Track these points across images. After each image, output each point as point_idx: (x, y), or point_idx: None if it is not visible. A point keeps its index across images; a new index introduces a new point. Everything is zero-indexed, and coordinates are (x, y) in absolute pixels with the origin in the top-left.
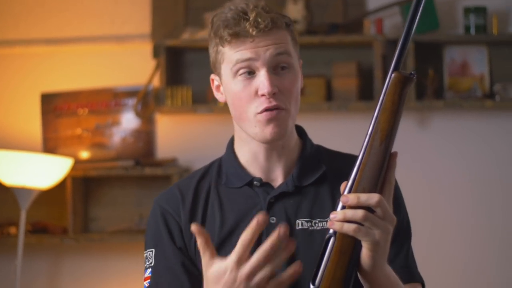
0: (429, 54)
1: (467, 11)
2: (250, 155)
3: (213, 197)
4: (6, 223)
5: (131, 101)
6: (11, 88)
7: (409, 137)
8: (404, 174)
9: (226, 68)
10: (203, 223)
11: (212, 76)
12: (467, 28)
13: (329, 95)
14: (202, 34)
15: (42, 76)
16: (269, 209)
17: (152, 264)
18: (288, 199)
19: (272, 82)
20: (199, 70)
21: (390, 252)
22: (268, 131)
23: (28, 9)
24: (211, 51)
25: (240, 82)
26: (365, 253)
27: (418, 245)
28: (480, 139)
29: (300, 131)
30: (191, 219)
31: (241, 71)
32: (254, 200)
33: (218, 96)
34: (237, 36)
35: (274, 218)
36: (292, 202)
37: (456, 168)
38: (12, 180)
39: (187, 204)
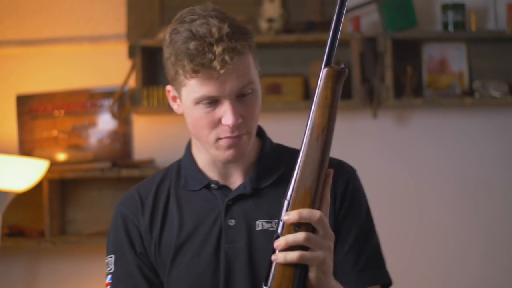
0: (407, 52)
1: (445, 8)
2: (208, 161)
3: (172, 201)
4: None
5: (107, 102)
6: None
7: (388, 135)
8: (384, 173)
9: (187, 93)
10: (162, 227)
11: (168, 87)
12: (446, 25)
13: (307, 94)
14: None
15: (17, 78)
16: (227, 211)
17: (112, 270)
18: (246, 201)
19: (236, 113)
20: None
21: (349, 256)
22: (228, 154)
23: (2, 10)
24: (169, 68)
25: (202, 109)
26: (311, 274)
27: (402, 244)
28: (460, 136)
29: (259, 131)
30: (151, 223)
31: (204, 101)
32: (213, 203)
33: (175, 107)
34: (202, 72)
35: (233, 221)
36: (251, 203)
37: (436, 166)
38: None
39: (147, 208)
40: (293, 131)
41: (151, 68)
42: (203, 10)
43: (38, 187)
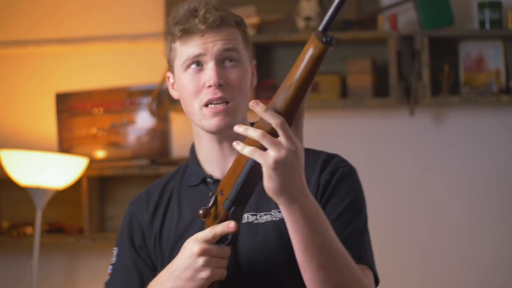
0: (444, 50)
1: (482, 6)
2: (206, 152)
3: (175, 196)
4: (22, 223)
5: (146, 100)
6: (26, 88)
7: (425, 133)
8: (421, 170)
9: (178, 64)
10: (163, 221)
11: (168, 73)
12: (482, 23)
13: (344, 92)
14: None
15: (56, 76)
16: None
17: (113, 261)
18: None
19: (218, 74)
20: None
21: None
22: (213, 123)
23: (41, 8)
24: (167, 49)
25: (189, 75)
26: (264, 175)
27: (435, 240)
28: (496, 134)
29: None
30: (153, 218)
31: (191, 65)
32: (208, 198)
33: (173, 93)
34: (187, 32)
35: None
36: None
37: (473, 163)
38: (27, 180)
39: (151, 204)
40: (330, 129)
41: None
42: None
43: (77, 184)
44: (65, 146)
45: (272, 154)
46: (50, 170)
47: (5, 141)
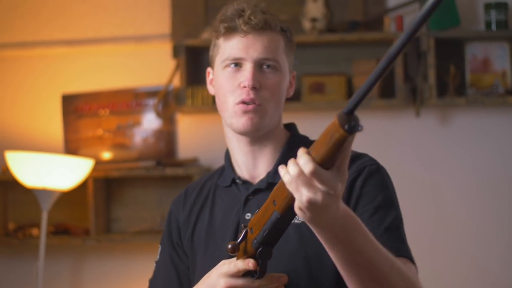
0: (450, 51)
1: (488, 7)
2: (235, 154)
3: (211, 196)
4: (28, 225)
5: (152, 101)
6: (32, 90)
7: (431, 134)
8: (427, 171)
9: (218, 61)
10: (196, 220)
11: (208, 69)
12: (488, 24)
13: (350, 93)
14: None
15: (62, 77)
16: (245, 205)
17: (157, 259)
18: (262, 195)
19: (255, 77)
20: None
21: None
22: (241, 122)
23: (48, 10)
24: (211, 46)
25: (227, 73)
26: (295, 206)
27: (443, 241)
28: (503, 135)
29: (291, 126)
30: (189, 216)
31: (230, 65)
32: (237, 198)
33: (210, 88)
34: (230, 30)
35: (249, 214)
36: (266, 197)
37: (479, 165)
38: (33, 181)
39: (189, 202)
40: None
41: (195, 68)
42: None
43: (83, 186)
44: (71, 147)
45: (305, 194)
46: (56, 172)
47: (12, 142)
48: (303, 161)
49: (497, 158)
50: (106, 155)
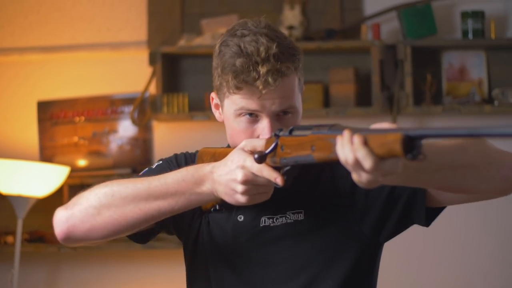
0: (427, 59)
1: (465, 15)
2: None
3: None
4: (3, 232)
5: (128, 109)
6: (7, 96)
7: None
8: None
9: (228, 105)
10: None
11: (213, 94)
12: (465, 33)
13: (327, 101)
14: (199, 40)
15: (38, 84)
16: (239, 207)
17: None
18: None
19: (273, 129)
20: (196, 77)
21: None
22: None
23: (24, 17)
24: (216, 77)
25: (242, 122)
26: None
27: (413, 253)
28: None
29: None
30: None
31: (244, 114)
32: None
33: (217, 115)
34: (245, 87)
35: (242, 217)
36: None
37: None
38: (9, 188)
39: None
40: None
41: (172, 75)
42: (255, 26)
43: (58, 193)
44: (46, 154)
45: (365, 177)
46: (32, 179)
47: None
48: (361, 154)
49: None
50: (82, 162)
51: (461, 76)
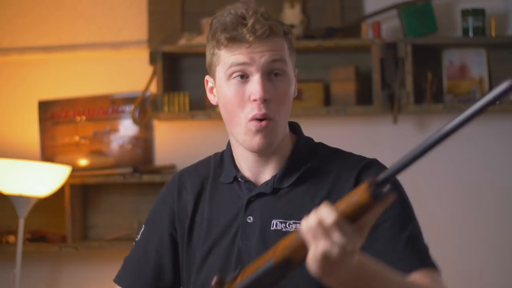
0: (427, 57)
1: (465, 13)
2: (241, 159)
3: (209, 188)
4: (4, 232)
5: (129, 108)
6: (8, 96)
7: (408, 141)
8: (404, 178)
9: (220, 71)
10: (194, 211)
11: (207, 77)
12: (466, 31)
13: (328, 99)
14: (199, 39)
15: (39, 84)
16: (247, 208)
17: (137, 239)
18: (266, 198)
19: (264, 88)
20: (196, 76)
21: (384, 243)
22: (255, 141)
23: (24, 16)
24: (208, 53)
25: (233, 85)
26: (309, 256)
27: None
28: (479, 142)
29: (296, 129)
30: (185, 205)
31: (235, 74)
32: (239, 197)
33: (211, 98)
34: (234, 40)
35: (251, 218)
36: (270, 202)
37: (455, 172)
38: (10, 188)
39: (185, 191)
40: (314, 136)
41: (172, 74)
42: (245, 3)
43: (60, 193)
44: (47, 154)
45: (322, 244)
46: (33, 178)
47: None
48: (325, 211)
49: (475, 165)
50: (83, 161)
51: (461, 74)
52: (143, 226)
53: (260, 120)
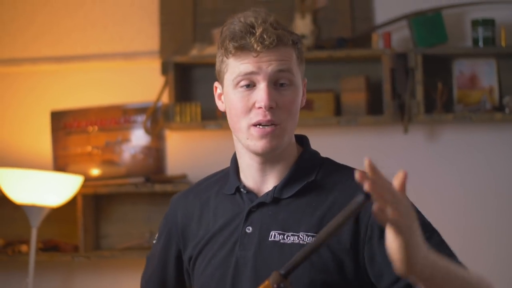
0: (437, 67)
1: (475, 23)
2: (245, 168)
3: (212, 202)
4: (17, 241)
5: (141, 118)
6: (20, 106)
7: (419, 150)
8: (414, 188)
9: (228, 78)
10: (199, 225)
11: (216, 84)
12: (476, 41)
13: (338, 109)
14: (210, 50)
15: (51, 94)
16: (248, 218)
17: (148, 255)
18: (267, 209)
19: (270, 96)
20: (208, 86)
21: None
22: (260, 145)
23: (37, 27)
24: (217, 60)
25: (240, 93)
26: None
27: None
28: (490, 151)
29: (304, 141)
30: (192, 220)
31: (242, 83)
32: (240, 208)
33: (219, 104)
34: (242, 49)
35: (250, 228)
36: (270, 213)
37: (466, 181)
38: (22, 198)
39: (192, 206)
40: (324, 146)
41: (184, 84)
42: (256, 11)
43: (72, 202)
44: (60, 164)
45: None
46: (45, 188)
47: (1, 159)
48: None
49: (485, 174)
50: (95, 171)
51: (472, 84)
52: (154, 241)
53: (265, 126)
